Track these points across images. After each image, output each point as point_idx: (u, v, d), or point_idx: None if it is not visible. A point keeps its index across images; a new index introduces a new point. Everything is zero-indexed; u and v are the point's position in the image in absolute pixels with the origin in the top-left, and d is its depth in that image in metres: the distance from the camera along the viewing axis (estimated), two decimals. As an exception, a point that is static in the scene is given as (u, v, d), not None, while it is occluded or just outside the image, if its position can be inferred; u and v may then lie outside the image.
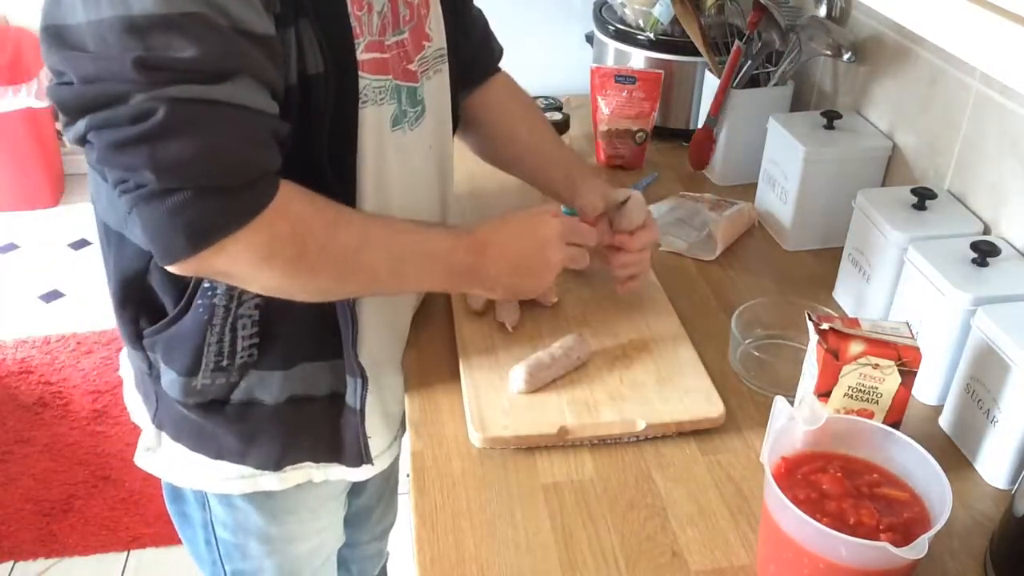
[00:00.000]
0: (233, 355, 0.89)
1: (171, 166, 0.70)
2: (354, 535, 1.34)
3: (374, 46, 0.86)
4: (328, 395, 0.96)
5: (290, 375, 0.92)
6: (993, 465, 0.91)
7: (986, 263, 0.98)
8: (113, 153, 0.70)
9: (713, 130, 1.47)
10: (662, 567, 0.82)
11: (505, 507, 0.88)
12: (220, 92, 0.70)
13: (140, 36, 0.67)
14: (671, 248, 1.30)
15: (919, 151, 1.23)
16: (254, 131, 0.74)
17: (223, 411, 0.92)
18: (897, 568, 0.70)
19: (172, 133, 0.69)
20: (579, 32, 1.78)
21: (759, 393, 1.03)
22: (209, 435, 0.94)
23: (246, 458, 0.96)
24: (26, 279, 2.96)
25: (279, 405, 0.93)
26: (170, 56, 0.68)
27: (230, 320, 0.87)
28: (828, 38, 1.35)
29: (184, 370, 0.90)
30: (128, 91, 0.68)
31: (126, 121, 0.69)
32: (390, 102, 0.89)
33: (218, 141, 0.71)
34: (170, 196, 0.71)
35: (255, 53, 0.72)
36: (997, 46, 0.59)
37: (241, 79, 0.71)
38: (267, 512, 1.03)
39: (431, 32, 0.96)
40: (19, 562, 2.02)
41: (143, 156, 0.69)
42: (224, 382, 0.91)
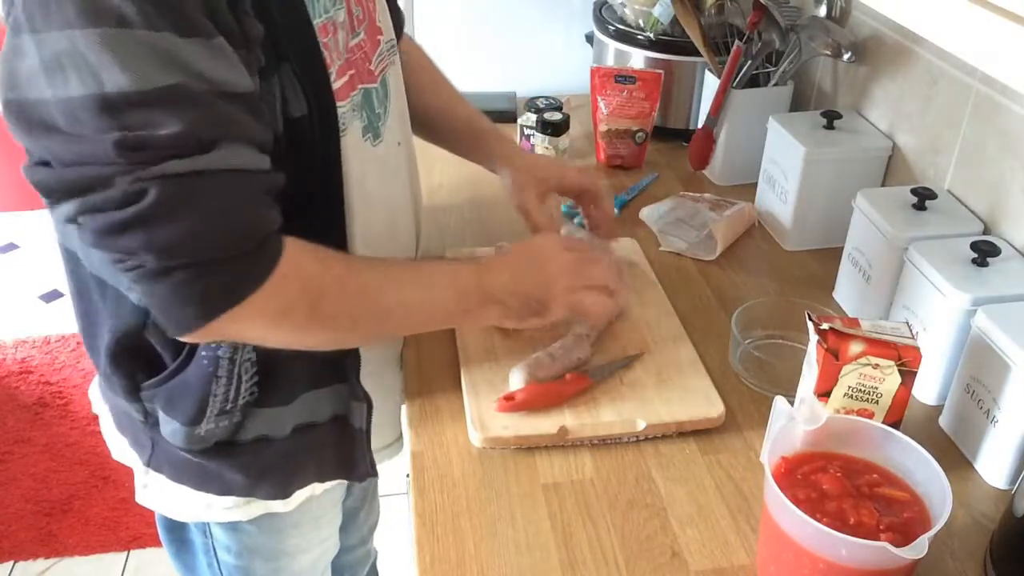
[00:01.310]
0: (236, 399, 0.87)
1: (170, 247, 0.67)
2: (343, 539, 1.32)
3: (342, 68, 0.84)
4: (331, 419, 0.94)
5: (293, 407, 0.91)
6: (993, 465, 0.91)
7: (986, 263, 0.98)
8: (107, 238, 0.67)
9: (713, 130, 1.47)
10: (662, 567, 0.82)
11: (505, 507, 0.88)
12: (209, 161, 0.67)
13: (117, 115, 0.63)
14: (671, 248, 1.30)
15: (919, 151, 1.23)
16: (250, 193, 0.71)
17: (228, 452, 0.90)
18: (897, 568, 0.70)
19: (166, 213, 0.66)
20: (579, 32, 1.78)
21: (759, 393, 1.03)
22: (214, 474, 0.92)
23: (255, 491, 0.94)
24: (26, 279, 2.96)
25: (284, 439, 0.92)
26: (152, 134, 0.64)
27: (235, 369, 0.85)
28: (828, 38, 1.35)
29: (188, 420, 0.86)
30: (112, 174, 0.65)
31: (115, 205, 0.66)
32: (359, 115, 0.88)
33: (214, 213, 0.68)
34: (173, 274, 0.69)
35: (239, 114, 0.69)
36: (997, 46, 0.59)
37: (228, 144, 0.68)
38: (273, 531, 1.01)
39: (381, 24, 0.94)
40: (19, 562, 2.02)
41: (140, 240, 0.67)
42: (228, 424, 0.88)
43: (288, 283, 0.74)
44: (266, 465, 0.92)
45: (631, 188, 1.47)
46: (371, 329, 0.85)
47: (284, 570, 1.07)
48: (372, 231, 0.93)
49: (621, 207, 1.41)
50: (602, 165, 1.55)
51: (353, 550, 1.38)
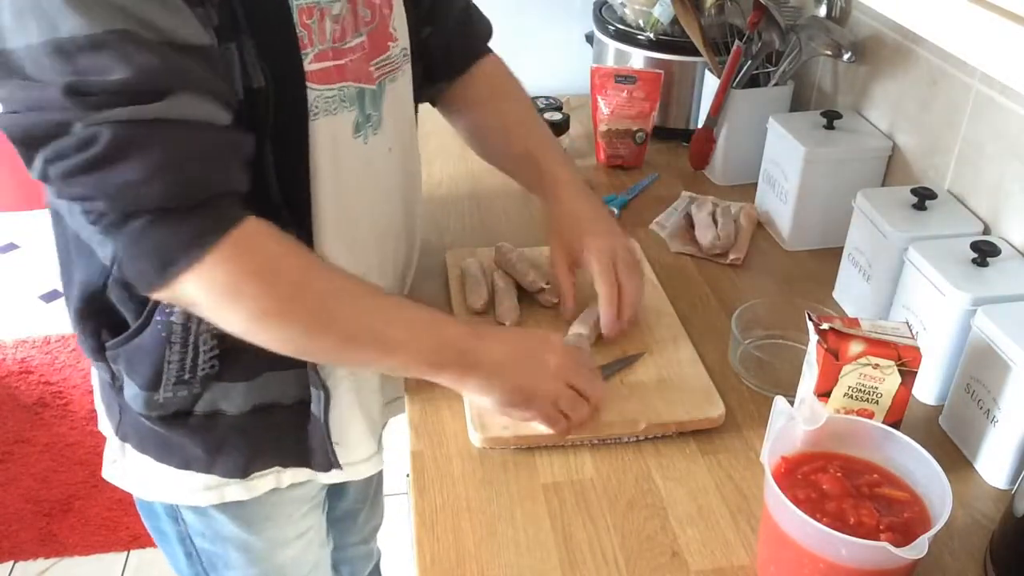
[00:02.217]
0: (195, 369, 0.86)
1: (122, 191, 0.68)
2: (342, 537, 1.33)
3: (327, 54, 0.82)
4: (295, 403, 0.93)
5: (254, 385, 0.90)
6: (993, 465, 0.91)
7: (986, 263, 0.98)
8: (66, 184, 0.69)
9: (713, 130, 1.47)
10: (662, 567, 0.82)
11: (505, 507, 0.88)
12: (159, 110, 0.67)
13: (69, 59, 0.65)
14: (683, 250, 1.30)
15: (919, 151, 1.23)
16: (203, 145, 0.71)
17: (187, 422, 0.90)
18: (897, 568, 0.70)
19: (117, 158, 0.67)
20: (579, 32, 1.78)
21: (759, 393, 1.03)
22: (175, 445, 0.92)
23: (213, 467, 0.93)
24: (26, 279, 2.96)
25: (244, 415, 0.91)
26: (101, 79, 0.65)
27: (191, 338, 0.85)
28: (828, 38, 1.35)
29: (146, 384, 0.87)
30: (68, 119, 0.66)
31: (72, 150, 0.67)
32: (350, 109, 0.86)
33: (165, 159, 0.68)
34: (129, 222, 0.69)
35: (192, 65, 0.69)
36: (997, 46, 0.59)
37: (180, 94, 0.68)
38: (242, 520, 1.00)
39: (395, 32, 0.92)
40: (19, 562, 2.02)
41: (93, 185, 0.68)
42: (187, 395, 0.88)
43: (245, 255, 0.73)
44: (222, 440, 0.91)
45: (631, 188, 1.47)
46: (329, 341, 0.80)
47: (263, 562, 1.06)
48: (346, 232, 0.89)
49: (621, 207, 1.41)
50: (602, 165, 1.55)
51: (353, 547, 1.38)
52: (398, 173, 0.98)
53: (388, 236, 0.99)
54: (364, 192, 0.92)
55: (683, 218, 1.36)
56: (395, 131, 0.95)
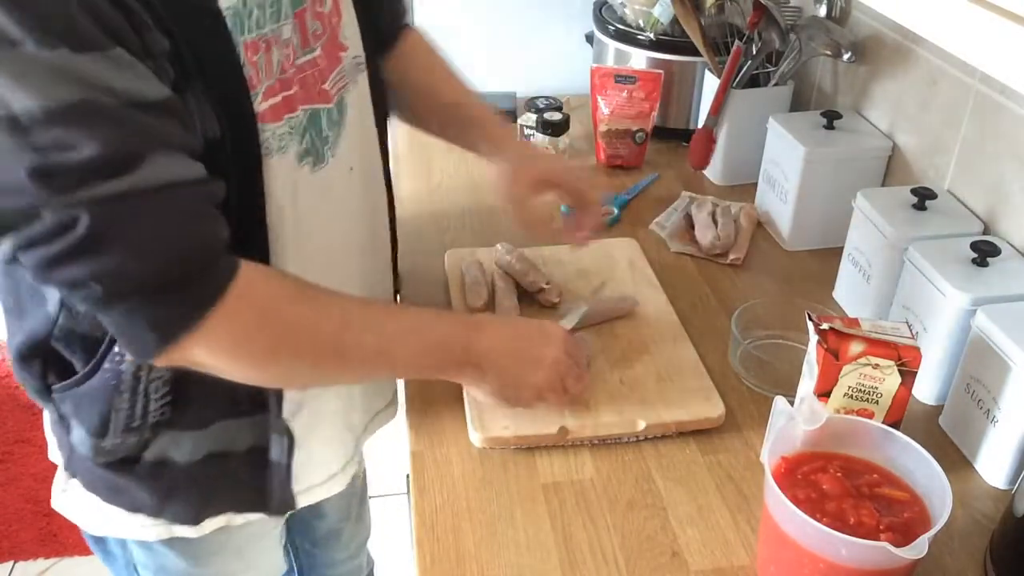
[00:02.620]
0: (145, 416, 0.82)
1: (114, 274, 0.64)
2: (328, 555, 1.30)
3: (274, 88, 0.76)
4: (247, 450, 0.89)
5: (207, 433, 0.86)
6: (993, 465, 0.91)
7: (986, 263, 0.98)
8: (48, 272, 0.64)
9: (713, 130, 1.47)
10: (662, 567, 0.82)
11: (505, 507, 0.88)
12: (137, 179, 0.62)
13: (26, 138, 0.59)
14: (683, 250, 1.30)
15: (919, 151, 1.23)
16: (189, 206, 0.67)
17: (135, 469, 0.86)
18: (897, 568, 0.70)
19: (103, 240, 0.62)
20: (579, 32, 1.78)
21: (759, 393, 1.03)
22: (123, 489, 0.88)
23: (162, 513, 0.89)
24: (26, 279, 2.95)
25: (195, 463, 0.87)
26: (68, 158, 0.60)
27: (140, 386, 0.81)
28: (828, 38, 1.35)
29: (93, 430, 0.83)
30: (37, 203, 0.61)
31: (47, 237, 0.62)
32: (297, 140, 0.80)
33: (155, 233, 0.64)
34: (126, 299, 0.66)
35: (159, 122, 0.64)
36: (997, 46, 0.59)
37: (152, 156, 0.63)
38: (189, 556, 0.96)
39: (346, 40, 0.87)
40: (19, 562, 2.02)
41: (82, 270, 0.63)
42: (136, 440, 0.84)
43: (244, 309, 0.71)
44: (172, 487, 0.88)
45: (631, 188, 1.47)
46: (339, 369, 0.80)
47: None
48: (304, 255, 0.85)
49: (621, 207, 1.41)
50: (602, 165, 1.55)
51: (341, 564, 1.35)
52: (360, 194, 0.93)
53: (351, 253, 0.95)
54: (324, 220, 0.87)
55: (683, 218, 1.36)
56: (356, 149, 0.90)
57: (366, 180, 0.94)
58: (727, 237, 1.29)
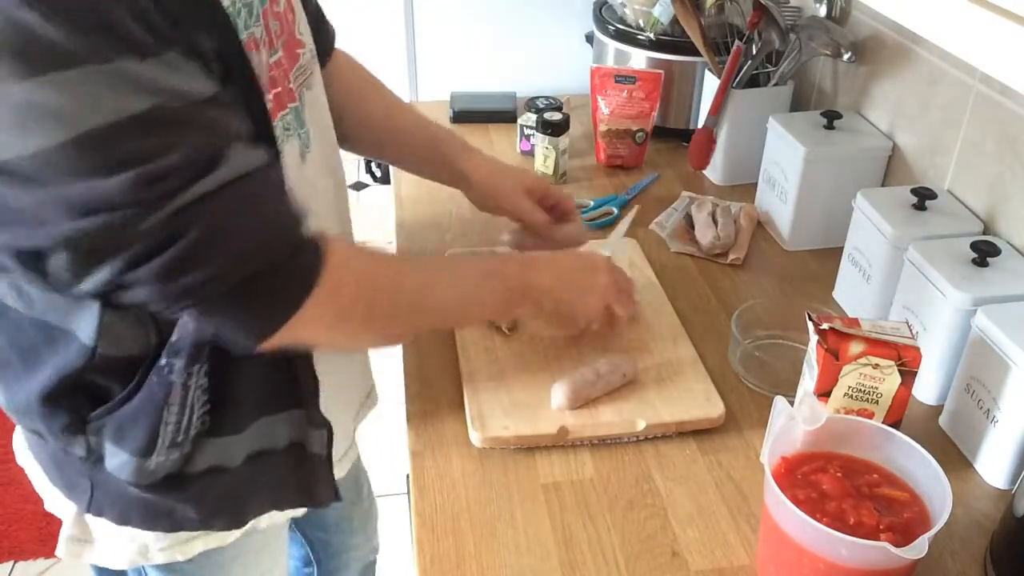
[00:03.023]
0: (188, 429, 0.82)
1: (228, 269, 0.66)
2: (343, 540, 1.32)
3: (268, 83, 0.78)
4: (288, 445, 0.89)
5: (245, 436, 0.86)
6: (993, 465, 0.91)
7: (986, 263, 0.98)
8: (169, 282, 0.65)
9: (713, 130, 1.47)
10: (662, 567, 0.82)
11: (505, 507, 0.88)
12: (224, 174, 0.64)
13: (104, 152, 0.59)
14: (683, 250, 1.30)
15: (919, 151, 1.23)
16: (270, 190, 0.70)
17: (178, 485, 0.85)
18: (897, 568, 0.70)
19: (212, 240, 0.64)
20: (579, 32, 1.78)
21: (759, 393, 1.03)
22: (164, 511, 0.87)
23: (209, 524, 0.90)
24: (26, 279, 2.95)
25: (236, 468, 0.87)
26: (158, 167, 0.60)
27: (189, 396, 0.80)
28: (828, 38, 1.35)
29: (138, 451, 0.80)
30: (135, 215, 0.61)
31: (159, 249, 0.63)
32: (293, 135, 0.83)
33: (254, 220, 0.67)
34: (236, 292, 0.68)
35: (220, 116, 0.66)
36: (997, 46, 0.59)
37: (230, 149, 0.65)
38: (214, 567, 0.97)
39: (302, 36, 0.87)
40: (19, 562, 2.02)
41: (200, 273, 0.65)
42: (178, 456, 0.83)
43: (343, 285, 0.75)
44: (219, 496, 0.88)
45: (631, 188, 1.47)
46: (421, 326, 0.91)
47: None
48: None
49: (621, 207, 1.41)
50: (602, 165, 1.55)
51: (358, 548, 1.38)
52: (328, 181, 0.94)
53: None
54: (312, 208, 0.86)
55: (683, 218, 1.36)
56: (321, 139, 0.91)
57: (331, 170, 0.95)
58: (727, 237, 1.29)
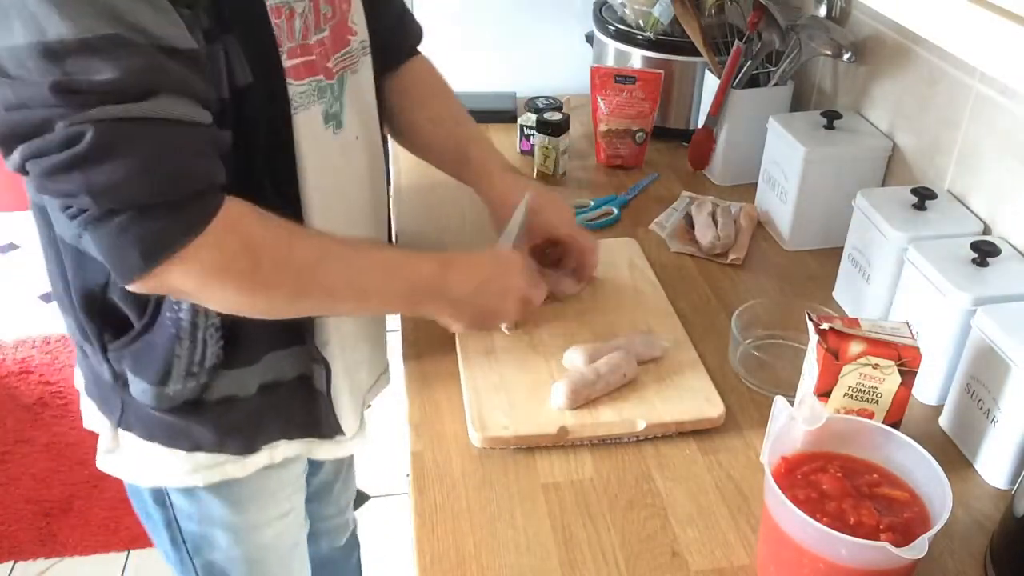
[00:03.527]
0: (203, 362, 0.90)
1: (106, 189, 0.70)
2: (318, 510, 1.37)
3: (298, 51, 0.86)
4: (296, 378, 0.98)
5: (257, 368, 0.94)
6: (993, 465, 0.91)
7: (986, 263, 0.98)
8: (48, 181, 0.70)
9: (713, 130, 1.47)
10: (662, 567, 0.82)
11: (505, 507, 0.88)
12: (144, 109, 0.70)
13: (57, 61, 0.67)
14: (683, 250, 1.30)
15: (919, 151, 1.23)
16: (186, 142, 0.73)
17: (196, 410, 0.94)
18: (897, 568, 0.70)
19: (102, 156, 0.69)
20: (579, 32, 1.78)
21: (759, 393, 1.03)
22: (183, 432, 0.95)
23: (223, 447, 0.97)
24: (26, 279, 2.96)
25: (250, 397, 0.95)
26: (89, 79, 0.67)
27: (199, 334, 0.88)
28: (828, 38, 1.35)
29: (155, 380, 0.90)
30: (51, 117, 0.68)
31: (56, 148, 0.69)
32: (319, 102, 0.90)
33: (149, 158, 0.71)
34: (113, 218, 0.72)
35: (177, 68, 0.72)
36: (997, 46, 0.59)
37: (164, 95, 0.71)
38: (229, 500, 1.04)
39: (355, 25, 0.96)
40: (19, 562, 2.02)
41: (78, 182, 0.69)
42: (195, 385, 0.91)
43: (229, 237, 0.76)
44: (233, 422, 0.96)
45: (631, 188, 1.47)
46: (313, 301, 0.87)
47: (245, 543, 1.09)
48: (328, 217, 0.93)
49: (621, 207, 1.41)
50: (602, 165, 1.55)
51: (330, 519, 1.42)
52: (364, 161, 1.02)
53: (359, 221, 1.03)
54: (339, 180, 0.96)
55: (683, 218, 1.36)
56: (359, 121, 0.99)
57: (370, 150, 1.02)
58: (727, 237, 1.29)
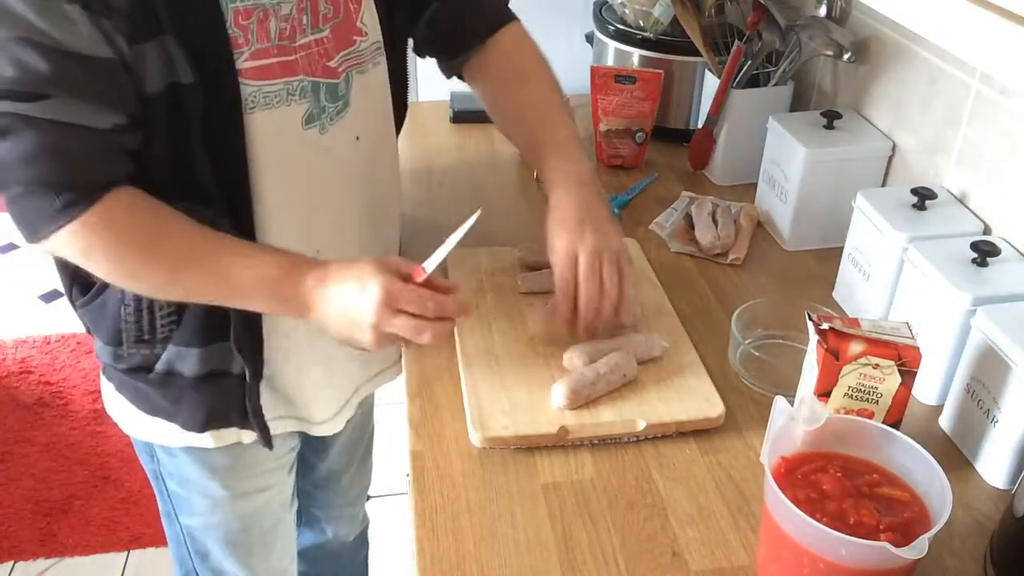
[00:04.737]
0: (153, 331, 0.96)
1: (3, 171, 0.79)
2: (326, 497, 1.37)
3: (269, 52, 0.87)
4: (240, 372, 0.99)
5: (207, 352, 0.97)
6: (993, 465, 0.91)
7: (986, 263, 0.98)
8: None
9: (713, 130, 1.47)
10: (662, 567, 0.82)
11: (505, 507, 0.88)
12: (35, 109, 0.77)
13: None
14: (683, 250, 1.30)
15: (919, 151, 1.23)
16: (72, 143, 0.80)
17: (147, 377, 0.99)
18: (897, 568, 0.70)
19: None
20: (579, 32, 1.78)
21: (759, 393, 1.03)
22: (142, 392, 1.01)
23: (175, 418, 1.01)
24: (26, 279, 2.96)
25: (199, 377, 0.98)
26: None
27: (144, 303, 0.94)
28: (828, 38, 1.35)
29: (109, 340, 0.97)
30: None
31: None
32: (300, 101, 0.91)
33: (32, 151, 0.78)
34: (5, 191, 0.81)
35: (80, 73, 0.78)
36: (997, 46, 0.59)
37: (60, 97, 0.77)
38: (204, 465, 1.07)
39: (364, 27, 0.96)
40: (19, 562, 2.02)
41: None
42: (148, 353, 0.97)
43: (100, 230, 0.82)
44: (181, 396, 1.00)
45: (631, 188, 1.47)
46: (178, 295, 0.90)
47: (222, 510, 1.11)
48: (295, 219, 0.94)
49: (621, 207, 1.41)
50: (602, 165, 1.55)
51: (338, 508, 1.41)
52: (366, 161, 1.01)
53: (351, 222, 1.02)
54: (320, 179, 0.96)
55: (683, 218, 1.36)
56: (365, 121, 0.99)
57: (373, 152, 1.02)
58: (727, 237, 1.29)
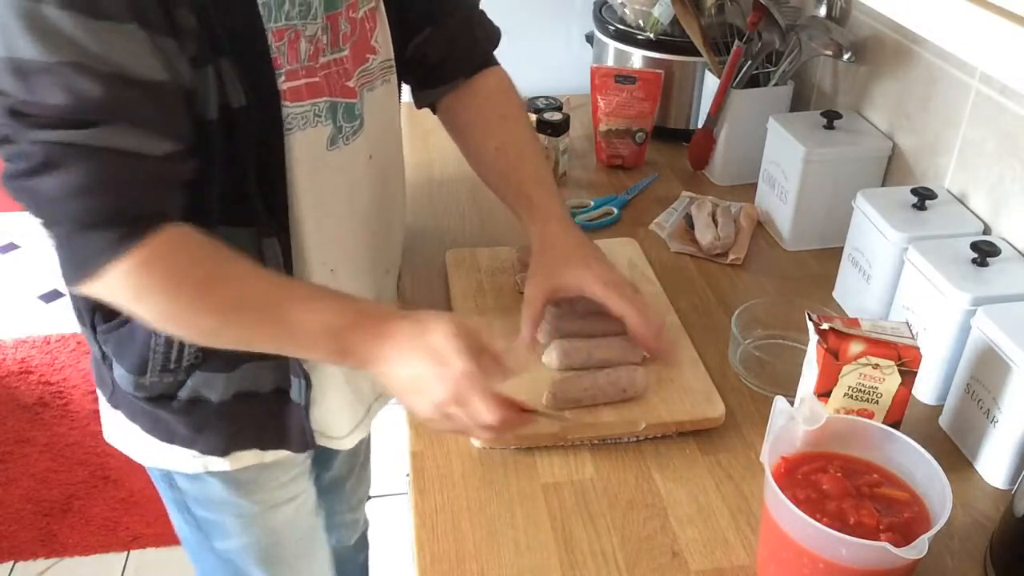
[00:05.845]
0: (180, 359, 0.93)
1: (45, 204, 0.75)
2: (329, 506, 1.37)
3: (300, 73, 0.86)
4: (272, 391, 0.98)
5: (235, 375, 0.95)
6: (993, 465, 0.91)
7: (986, 263, 0.98)
8: (9, 186, 0.76)
9: (713, 130, 1.47)
10: (662, 567, 0.82)
11: (505, 507, 0.88)
12: (87, 136, 0.72)
13: (23, 78, 0.71)
14: (683, 250, 1.30)
15: (919, 151, 1.23)
16: (126, 173, 0.75)
17: (171, 405, 0.96)
18: (897, 568, 0.70)
19: (44, 174, 0.73)
20: (579, 32, 1.78)
21: (759, 393, 1.03)
22: (161, 421, 0.98)
23: (195, 444, 0.99)
24: (26, 279, 2.96)
25: (225, 401, 0.96)
26: (42, 103, 0.71)
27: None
28: (828, 38, 1.35)
29: (133, 369, 0.93)
30: (11, 133, 0.73)
31: (15, 158, 0.74)
32: (325, 123, 0.90)
33: (84, 183, 0.73)
34: (54, 229, 0.77)
35: (136, 98, 0.74)
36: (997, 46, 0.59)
37: (114, 124, 0.73)
38: (231, 484, 1.05)
39: (377, 45, 0.96)
40: (19, 562, 2.02)
41: (27, 193, 0.75)
42: (171, 381, 0.94)
43: (147, 270, 0.77)
44: (204, 422, 0.97)
45: (631, 188, 1.47)
46: (230, 342, 0.84)
47: (256, 526, 1.10)
48: (324, 235, 0.93)
49: (621, 207, 1.41)
50: (602, 165, 1.55)
51: (340, 515, 1.42)
52: (377, 179, 1.00)
53: (362, 240, 1.01)
54: (341, 198, 0.95)
55: (683, 218, 1.36)
56: (376, 139, 0.98)
57: (384, 170, 1.02)
58: (727, 237, 1.29)
